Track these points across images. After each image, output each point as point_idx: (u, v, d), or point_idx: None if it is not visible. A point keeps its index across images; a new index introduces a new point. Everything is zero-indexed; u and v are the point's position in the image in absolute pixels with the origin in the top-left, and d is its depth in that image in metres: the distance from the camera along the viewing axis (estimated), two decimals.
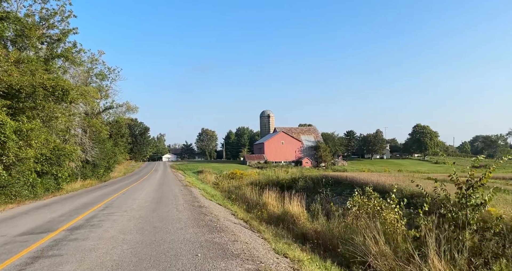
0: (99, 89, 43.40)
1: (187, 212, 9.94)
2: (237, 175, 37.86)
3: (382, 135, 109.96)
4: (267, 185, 25.47)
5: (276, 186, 22.99)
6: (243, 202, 19.80)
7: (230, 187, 28.28)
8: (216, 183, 30.38)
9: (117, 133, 49.90)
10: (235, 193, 23.41)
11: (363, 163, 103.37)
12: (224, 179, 32.66)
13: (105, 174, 43.85)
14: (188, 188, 20.45)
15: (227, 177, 34.83)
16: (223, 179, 32.34)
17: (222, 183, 30.06)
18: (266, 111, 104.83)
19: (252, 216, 14.13)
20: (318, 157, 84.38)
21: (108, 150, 44.78)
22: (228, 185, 29.58)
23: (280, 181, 22.37)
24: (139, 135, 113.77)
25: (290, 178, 22.94)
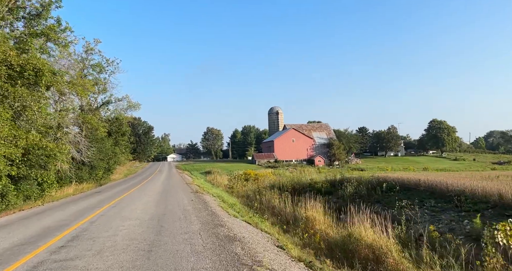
0: (96, 82, 39.15)
1: (210, 255, 5.42)
2: (251, 176, 33.35)
3: (396, 131, 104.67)
4: (295, 189, 20.92)
5: (308, 191, 18.40)
6: (271, 213, 15.27)
7: (248, 191, 23.75)
8: (230, 186, 25.86)
9: (117, 131, 45.64)
10: (257, 200, 18.92)
11: (378, 160, 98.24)
12: (238, 181, 28.15)
13: (104, 177, 39.71)
14: (200, 195, 15.97)
15: (241, 179, 30.32)
16: (237, 181, 27.83)
17: (236, 186, 25.54)
18: (275, 107, 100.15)
19: (296, 241, 9.59)
20: (332, 155, 79.54)
21: (107, 149, 40.59)
22: (244, 188, 25.06)
23: (314, 185, 17.69)
24: (143, 135, 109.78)
25: (328, 180, 18.11)
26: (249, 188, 25.19)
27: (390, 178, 14.82)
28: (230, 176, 33.90)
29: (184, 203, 12.91)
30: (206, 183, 29.64)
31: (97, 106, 39.53)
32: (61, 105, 31.98)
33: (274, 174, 39.01)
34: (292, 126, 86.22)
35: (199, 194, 16.32)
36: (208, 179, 38.93)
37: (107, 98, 39.19)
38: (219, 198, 16.91)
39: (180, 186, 22.05)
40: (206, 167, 64.27)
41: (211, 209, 11.25)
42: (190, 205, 12.10)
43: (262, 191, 21.29)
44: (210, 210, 11.09)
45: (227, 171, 53.63)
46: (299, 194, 19.87)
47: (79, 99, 37.66)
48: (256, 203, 16.83)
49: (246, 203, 19.08)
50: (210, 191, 19.40)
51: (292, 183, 22.09)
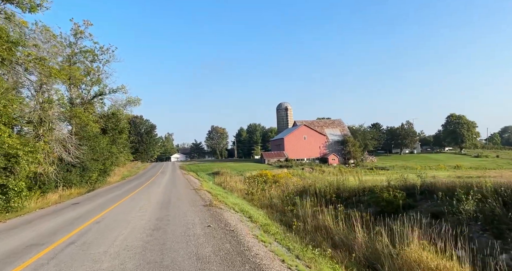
0: (88, 72, 34.14)
1: None
2: (269, 178, 28.14)
3: (412, 127, 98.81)
4: (341, 197, 15.67)
5: (365, 202, 13.14)
6: (323, 238, 10.08)
7: (272, 198, 18.50)
8: (248, 192, 20.61)
9: (114, 128, 40.63)
10: (290, 213, 13.75)
11: (393, 158, 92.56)
12: (258, 185, 22.93)
13: (100, 179, 34.75)
14: (217, 211, 10.76)
15: (258, 181, 25.09)
16: (256, 185, 22.60)
17: (257, 192, 20.30)
18: (284, 103, 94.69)
19: None
20: (346, 153, 74.04)
21: (102, 149, 35.61)
22: (267, 195, 19.83)
23: (378, 194, 12.18)
24: (145, 134, 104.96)
25: (400, 187, 12.56)
26: (273, 194, 19.95)
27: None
28: (245, 179, 28.67)
29: (196, 232, 7.69)
30: (217, 188, 24.46)
31: (89, 99, 34.44)
32: (44, 96, 27.05)
33: (293, 175, 33.75)
34: (303, 122, 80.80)
35: (215, 210, 11.09)
36: (218, 182, 33.80)
37: (100, 89, 34.04)
38: (243, 213, 11.70)
39: (186, 194, 16.85)
40: (212, 167, 59.15)
41: (247, 249, 6.00)
42: (208, 241, 6.88)
43: (295, 200, 16.08)
44: (242, 246, 5.90)
45: (237, 172, 48.46)
46: (348, 204, 14.58)
47: (68, 90, 32.73)
48: (295, 222, 11.59)
49: (276, 217, 13.89)
50: (226, 201, 14.19)
51: (333, 188, 16.78)
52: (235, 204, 14.05)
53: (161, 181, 29.26)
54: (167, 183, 27.08)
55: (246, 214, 11.59)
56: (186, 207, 12.03)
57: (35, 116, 24.84)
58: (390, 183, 13.77)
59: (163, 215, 10.23)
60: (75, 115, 27.64)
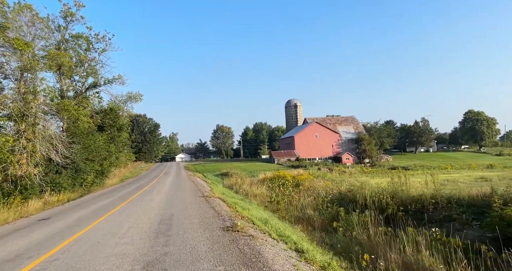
0: (81, 61, 30.19)
1: None
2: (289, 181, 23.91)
3: (428, 124, 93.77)
4: (408, 211, 11.42)
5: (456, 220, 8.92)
6: None
7: (308, 211, 14.22)
8: (272, 199, 16.34)
9: (112, 125, 36.72)
10: (346, 238, 9.53)
11: (408, 157, 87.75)
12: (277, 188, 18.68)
13: (97, 182, 30.88)
14: (246, 240, 6.61)
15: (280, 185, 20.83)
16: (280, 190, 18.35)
17: (282, 200, 16.04)
18: (293, 100, 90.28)
19: None
20: (361, 152, 69.51)
21: (98, 147, 31.75)
22: (297, 203, 15.59)
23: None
24: (149, 133, 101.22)
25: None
26: (303, 202, 15.70)
27: None
28: (262, 182, 24.48)
29: None
30: (230, 193, 20.30)
31: (83, 91, 30.46)
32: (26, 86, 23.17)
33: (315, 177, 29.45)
34: (314, 119, 76.37)
35: (244, 239, 6.89)
36: (228, 184, 29.67)
37: (94, 80, 30.04)
38: (286, 241, 7.49)
39: (195, 206, 12.69)
40: (219, 167, 55.04)
41: None
42: None
43: (336, 211, 11.87)
44: None
45: (247, 173, 44.30)
46: (424, 222, 10.31)
47: (58, 81, 28.81)
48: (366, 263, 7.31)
49: (321, 240, 9.72)
50: (252, 218, 10.01)
51: (387, 196, 12.46)
52: (264, 221, 9.88)
53: (163, 185, 25.19)
54: (170, 187, 22.97)
55: (290, 242, 7.39)
56: (196, 232, 7.84)
57: (15, 109, 20.99)
58: (495, 190, 9.44)
59: (157, 255, 6.04)
60: (63, 108, 23.68)
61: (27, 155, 21.75)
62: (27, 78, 23.42)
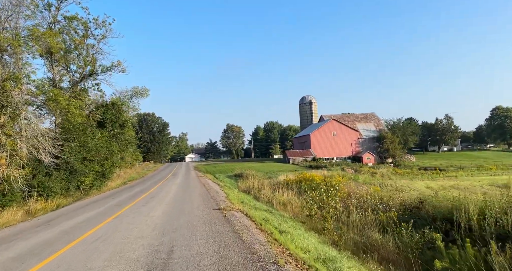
0: (76, 46, 26.48)
1: None
2: (320, 184, 19.52)
3: (452, 121, 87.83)
4: None
5: None
6: None
7: (375, 235, 9.88)
8: (312, 213, 12.07)
9: (113, 120, 33.04)
10: None
11: (432, 157, 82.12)
12: (316, 197, 14.33)
13: (97, 184, 27.20)
14: None
15: (312, 191, 16.49)
16: (317, 199, 14.00)
17: (327, 213, 11.72)
18: (307, 96, 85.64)
19: None
20: (383, 151, 64.47)
21: (96, 145, 28.08)
22: (347, 221, 11.28)
23: None
24: (158, 132, 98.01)
25: None
26: (356, 218, 11.37)
27: None
28: (287, 186, 20.21)
29: None
30: (250, 201, 16.12)
31: (78, 81, 26.72)
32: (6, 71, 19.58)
33: (348, 179, 24.98)
34: (332, 116, 71.62)
35: None
36: (244, 188, 25.53)
37: (91, 68, 26.27)
38: None
39: (208, 226, 8.55)
40: (232, 168, 50.99)
41: None
42: None
43: (428, 242, 7.43)
44: None
45: (262, 174, 40.08)
46: None
47: (49, 68, 25.18)
48: None
49: None
50: (303, 256, 5.73)
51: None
52: (323, 260, 5.67)
53: (168, 190, 21.17)
54: (177, 192, 18.91)
55: None
56: None
57: None
58: None
59: None
60: (51, 98, 19.93)
61: (6, 154, 18.13)
62: (8, 63, 19.82)
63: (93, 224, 9.91)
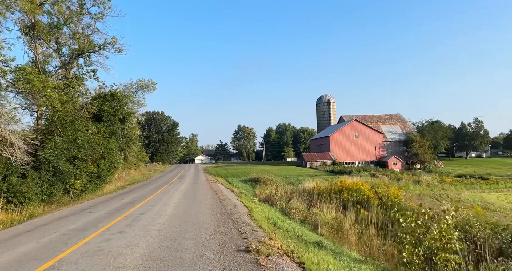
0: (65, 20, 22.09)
1: None
2: (369, 196, 14.43)
3: (482, 125, 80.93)
4: None
5: None
6: None
7: None
8: (414, 262, 7.02)
9: (112, 113, 28.64)
10: None
11: (461, 163, 75.42)
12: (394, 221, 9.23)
13: (90, 188, 22.74)
14: None
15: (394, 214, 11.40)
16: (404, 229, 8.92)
17: (410, 255, 6.58)
18: (325, 96, 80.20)
19: None
20: (411, 156, 58.57)
21: (89, 141, 23.78)
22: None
23: None
24: (167, 132, 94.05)
25: None
26: None
27: None
28: (337, 200, 15.06)
29: None
30: (284, 222, 11.08)
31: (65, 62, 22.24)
32: None
33: (398, 188, 19.64)
34: (353, 117, 66.06)
35: None
36: (264, 196, 20.55)
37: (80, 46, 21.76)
38: None
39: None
40: (245, 171, 46.12)
41: None
42: None
43: None
44: None
45: (281, 178, 35.05)
46: None
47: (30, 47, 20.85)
48: None
49: None
50: None
51: None
52: None
53: (169, 200, 16.32)
54: (178, 206, 13.95)
55: None
56: None
57: None
58: None
59: None
60: (20, 78, 15.44)
61: None
62: None
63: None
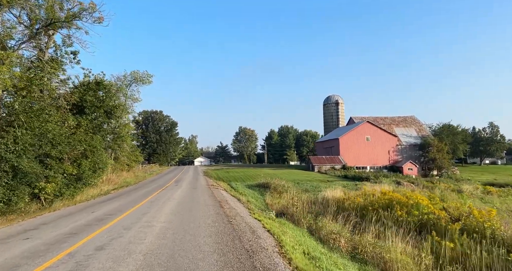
0: None
1: None
2: (441, 217, 9.88)
3: (498, 131, 76.64)
4: None
5: None
6: None
7: None
8: None
9: (97, 105, 24.25)
10: None
11: (475, 170, 71.00)
12: None
13: (67, 193, 18.28)
14: None
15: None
16: None
17: None
18: (333, 96, 75.87)
19: None
20: (428, 161, 54.15)
21: (69, 137, 19.62)
22: None
23: None
24: (165, 132, 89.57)
25: None
26: None
27: None
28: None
29: None
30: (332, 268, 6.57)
31: (33, 35, 17.75)
32: None
33: (439, 199, 15.17)
34: (365, 118, 61.71)
35: None
36: (279, 208, 16.13)
37: (48, 13, 17.20)
38: None
39: None
40: (249, 174, 41.61)
41: None
42: None
43: None
44: None
45: (293, 183, 30.63)
46: None
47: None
48: None
49: None
50: None
51: None
52: None
53: (158, 212, 11.85)
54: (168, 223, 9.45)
55: None
56: None
57: None
58: None
59: None
60: None
61: None
62: None
63: None
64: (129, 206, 13.93)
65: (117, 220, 10.35)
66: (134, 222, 9.76)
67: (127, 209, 13.01)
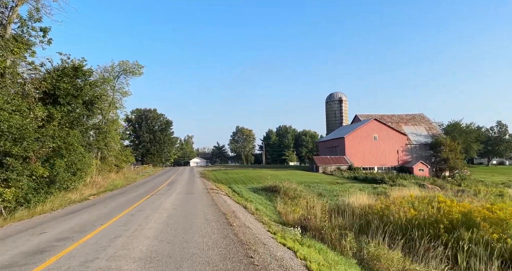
0: None
1: None
2: None
3: (507, 129, 73.75)
4: None
5: None
6: None
7: None
8: None
9: (73, 94, 20.30)
10: None
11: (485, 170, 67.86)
12: None
13: (34, 199, 13.99)
14: None
15: None
16: None
17: None
18: (336, 93, 72.39)
19: None
20: (440, 161, 50.83)
21: (37, 132, 15.57)
22: None
23: None
24: (159, 131, 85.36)
25: None
26: None
27: None
28: None
29: None
30: None
31: None
32: None
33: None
34: (371, 116, 58.31)
35: None
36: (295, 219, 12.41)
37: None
38: None
39: None
40: (250, 176, 37.79)
41: None
42: None
43: None
44: None
45: (305, 187, 26.94)
46: None
47: None
48: None
49: None
50: None
51: None
52: None
53: (136, 234, 8.08)
54: (145, 264, 5.76)
55: None
56: None
57: None
58: None
59: None
60: None
61: None
62: None
63: None
64: (98, 222, 10.08)
65: (63, 253, 6.48)
66: (90, 261, 5.94)
67: (94, 228, 9.17)
